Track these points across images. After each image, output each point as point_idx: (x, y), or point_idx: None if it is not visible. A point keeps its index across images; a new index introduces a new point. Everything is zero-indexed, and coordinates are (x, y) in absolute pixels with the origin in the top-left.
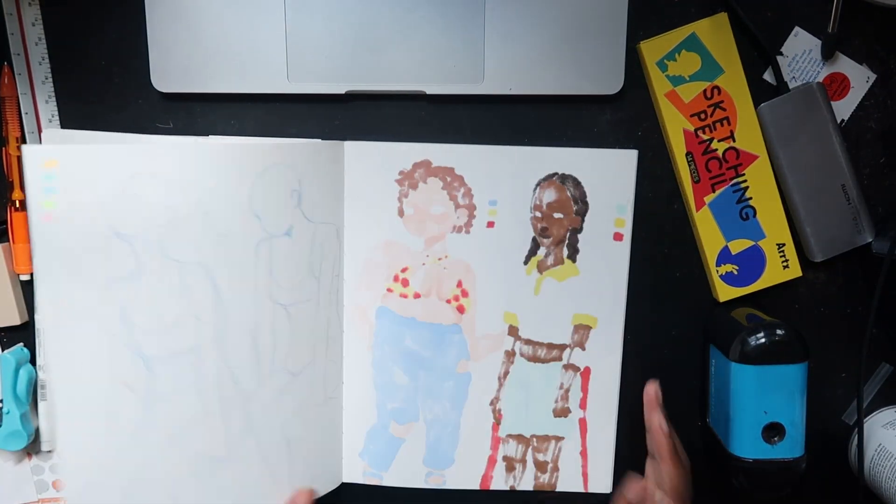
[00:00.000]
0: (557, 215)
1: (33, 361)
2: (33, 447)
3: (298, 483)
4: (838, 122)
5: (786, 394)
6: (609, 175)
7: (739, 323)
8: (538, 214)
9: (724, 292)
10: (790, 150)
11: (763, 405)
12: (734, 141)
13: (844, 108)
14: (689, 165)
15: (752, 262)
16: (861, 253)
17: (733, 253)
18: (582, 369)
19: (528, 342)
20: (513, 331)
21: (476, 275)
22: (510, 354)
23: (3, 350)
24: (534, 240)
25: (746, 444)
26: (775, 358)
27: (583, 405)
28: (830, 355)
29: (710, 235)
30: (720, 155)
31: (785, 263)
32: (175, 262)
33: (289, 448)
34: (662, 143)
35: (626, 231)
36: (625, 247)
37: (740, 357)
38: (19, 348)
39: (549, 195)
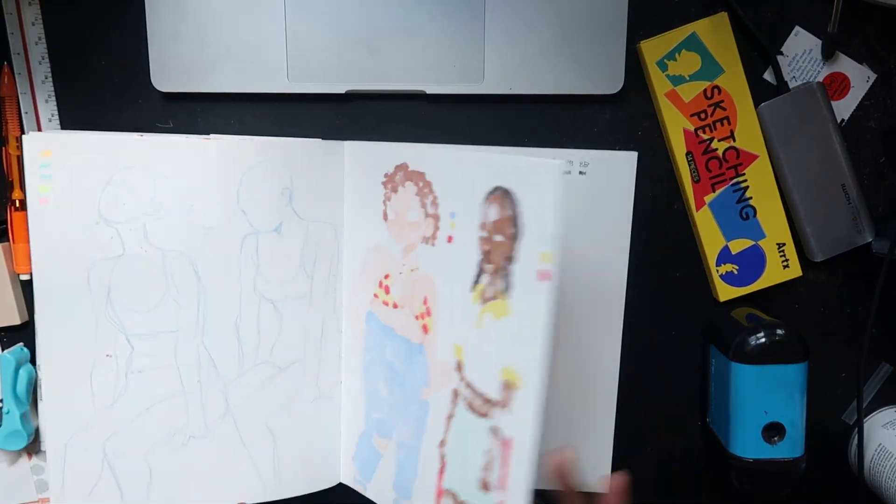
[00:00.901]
0: (498, 238)
1: (33, 361)
2: (33, 447)
3: (288, 476)
4: (838, 121)
5: (786, 394)
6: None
7: (739, 323)
8: (484, 234)
9: (724, 292)
10: (790, 150)
11: (763, 405)
12: (734, 140)
13: (844, 108)
14: (689, 165)
15: (752, 262)
16: (861, 253)
17: (733, 253)
18: (504, 439)
19: (468, 386)
20: (459, 367)
21: (438, 294)
22: (456, 394)
23: (3, 350)
24: (479, 264)
25: (746, 444)
26: (775, 358)
27: (502, 484)
28: (830, 355)
29: (710, 235)
30: (720, 154)
31: (785, 263)
32: (158, 250)
33: (273, 439)
34: (662, 143)
35: (554, 269)
36: (549, 290)
37: (740, 357)
38: (19, 348)
39: (493, 212)
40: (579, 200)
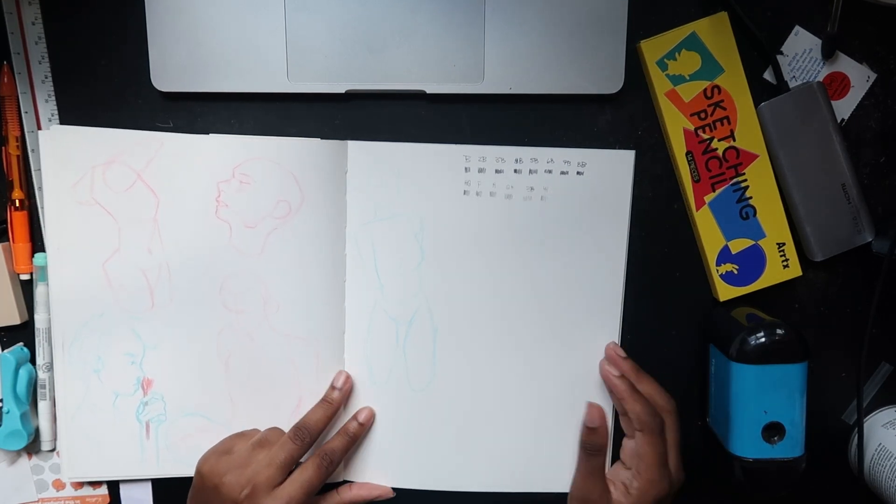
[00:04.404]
0: None
1: (33, 361)
2: (33, 447)
3: None
4: (838, 121)
5: (786, 393)
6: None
7: (739, 323)
8: None
9: (724, 292)
10: (790, 150)
11: (763, 405)
12: (734, 140)
13: (844, 108)
14: (689, 165)
15: (752, 262)
16: (861, 253)
17: (733, 252)
18: None
19: None
20: None
21: None
22: None
23: (3, 350)
24: None
25: (746, 444)
26: (775, 358)
27: None
28: (830, 355)
29: (710, 235)
30: (720, 154)
31: (785, 263)
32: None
33: None
34: (662, 142)
35: None
36: None
37: (740, 357)
38: (19, 348)
39: None
40: (577, 200)
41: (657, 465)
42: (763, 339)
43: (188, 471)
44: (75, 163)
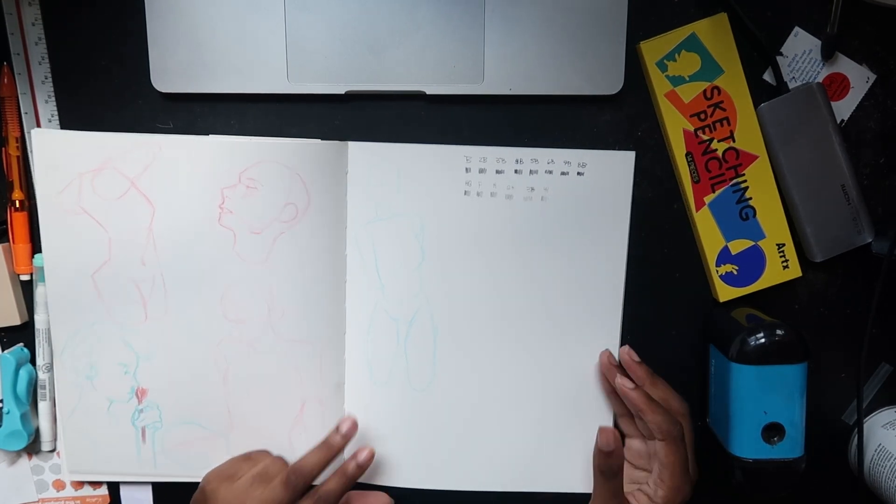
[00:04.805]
0: None
1: (33, 361)
2: (33, 447)
3: None
4: (838, 122)
5: (785, 394)
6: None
7: (739, 323)
8: None
9: (724, 292)
10: (790, 150)
11: (763, 405)
12: (734, 141)
13: (844, 108)
14: (689, 165)
15: (751, 263)
16: (861, 253)
17: (733, 253)
18: None
19: None
20: None
21: None
22: None
23: (3, 350)
24: None
25: (746, 444)
26: (775, 358)
27: None
28: (830, 355)
29: (709, 235)
30: (720, 155)
31: (785, 263)
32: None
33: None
34: (662, 143)
35: None
36: None
37: (740, 357)
38: (19, 348)
39: None
40: (577, 200)
41: (681, 472)
42: (763, 340)
43: (186, 475)
44: (61, 169)
